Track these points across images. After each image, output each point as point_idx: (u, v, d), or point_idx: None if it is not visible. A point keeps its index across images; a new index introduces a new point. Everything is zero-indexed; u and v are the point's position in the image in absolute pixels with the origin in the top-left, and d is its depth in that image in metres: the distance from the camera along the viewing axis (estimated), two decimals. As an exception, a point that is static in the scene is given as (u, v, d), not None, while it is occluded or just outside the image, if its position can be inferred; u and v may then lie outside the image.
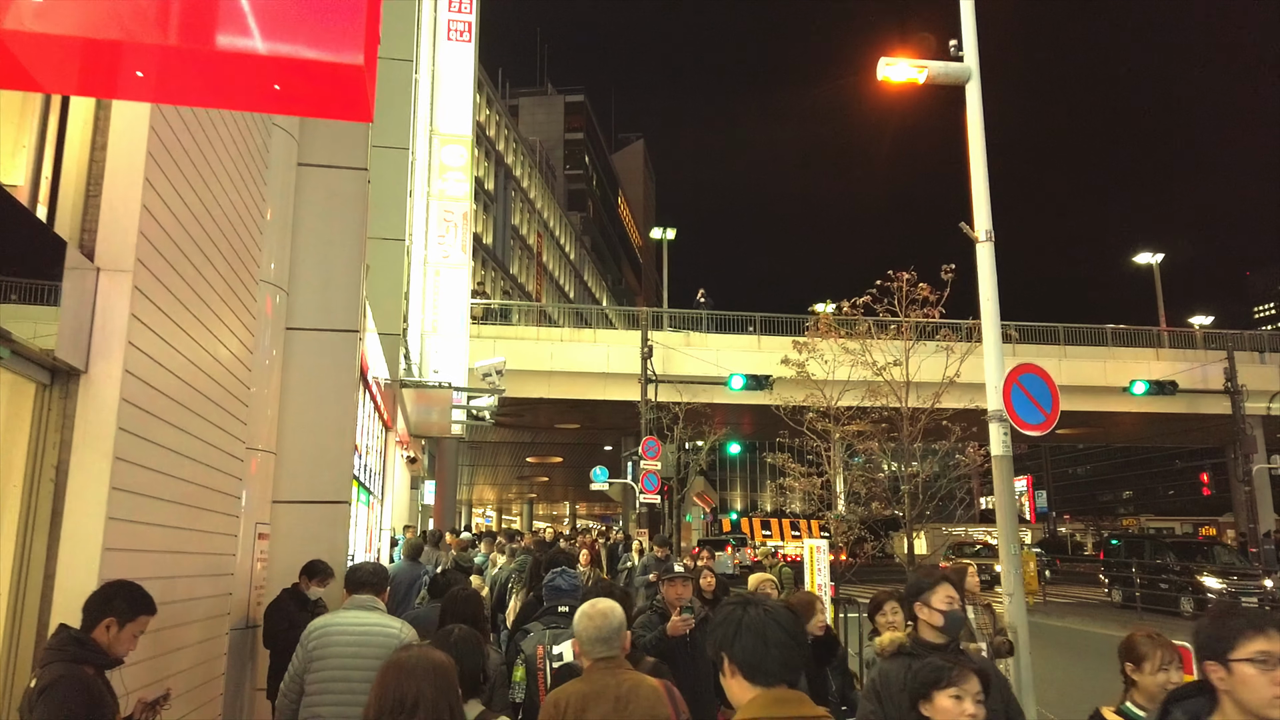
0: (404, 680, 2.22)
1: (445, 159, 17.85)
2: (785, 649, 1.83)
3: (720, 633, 1.90)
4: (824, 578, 9.45)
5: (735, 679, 1.84)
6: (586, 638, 2.79)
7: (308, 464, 6.45)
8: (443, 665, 2.29)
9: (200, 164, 4.20)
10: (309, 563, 5.43)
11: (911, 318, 8.31)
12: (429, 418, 14.56)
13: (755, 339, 24.37)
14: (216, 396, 4.67)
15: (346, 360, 6.66)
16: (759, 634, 1.84)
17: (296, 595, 5.33)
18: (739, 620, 1.87)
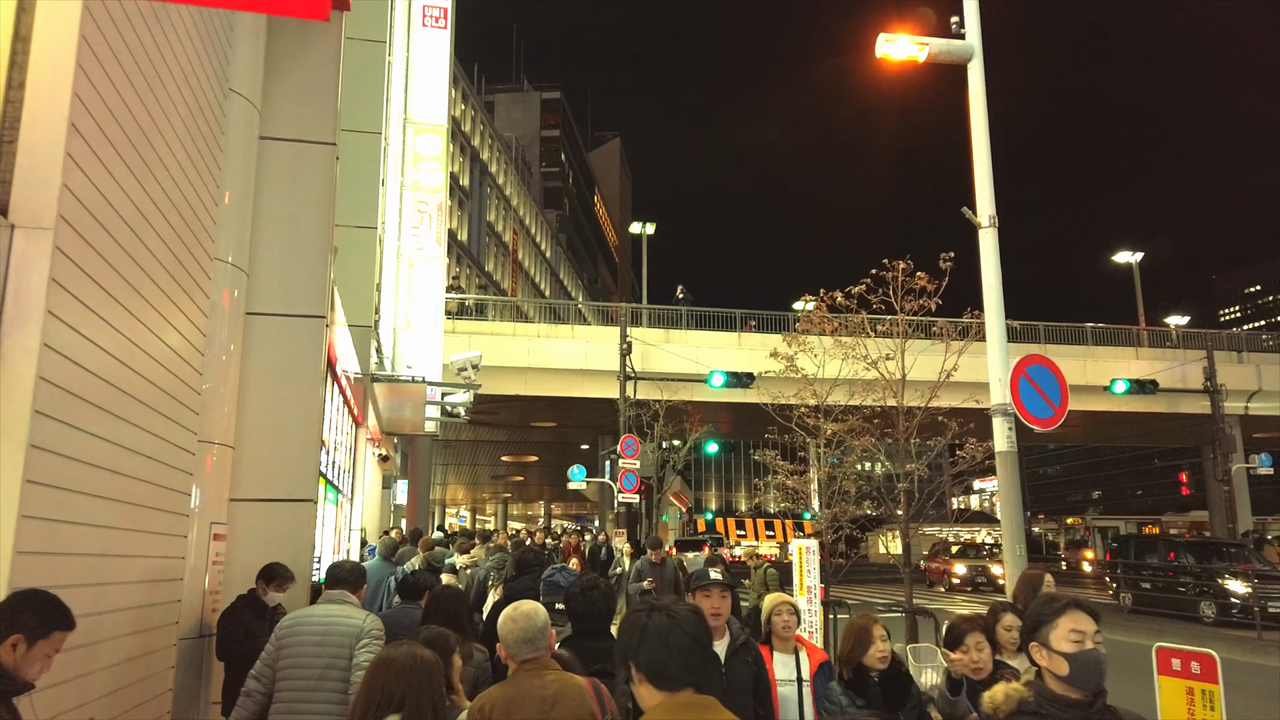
0: (391, 678, 2.30)
1: (420, 148, 17.34)
2: (689, 654, 1.84)
3: (625, 640, 1.91)
4: (814, 579, 9.09)
5: (643, 685, 1.84)
6: (512, 640, 2.76)
7: (269, 459, 5.98)
8: (428, 663, 2.37)
9: (142, 118, 3.74)
10: (266, 566, 4.98)
11: (908, 309, 7.95)
12: (402, 414, 14.08)
13: (736, 336, 24.02)
14: (162, 381, 4.20)
15: (312, 348, 6.20)
16: (662, 640, 1.84)
17: (253, 602, 4.87)
18: (643, 626, 1.88)
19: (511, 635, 2.77)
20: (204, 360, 5.13)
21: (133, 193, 3.67)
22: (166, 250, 4.23)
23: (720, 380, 20.23)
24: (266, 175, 6.15)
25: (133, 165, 3.63)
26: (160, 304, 4.16)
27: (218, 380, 5.39)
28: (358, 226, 11.67)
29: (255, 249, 6.00)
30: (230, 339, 5.60)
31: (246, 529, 5.82)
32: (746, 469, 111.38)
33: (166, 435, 4.28)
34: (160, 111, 4.01)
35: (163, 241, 4.14)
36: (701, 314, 24.68)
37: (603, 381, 22.14)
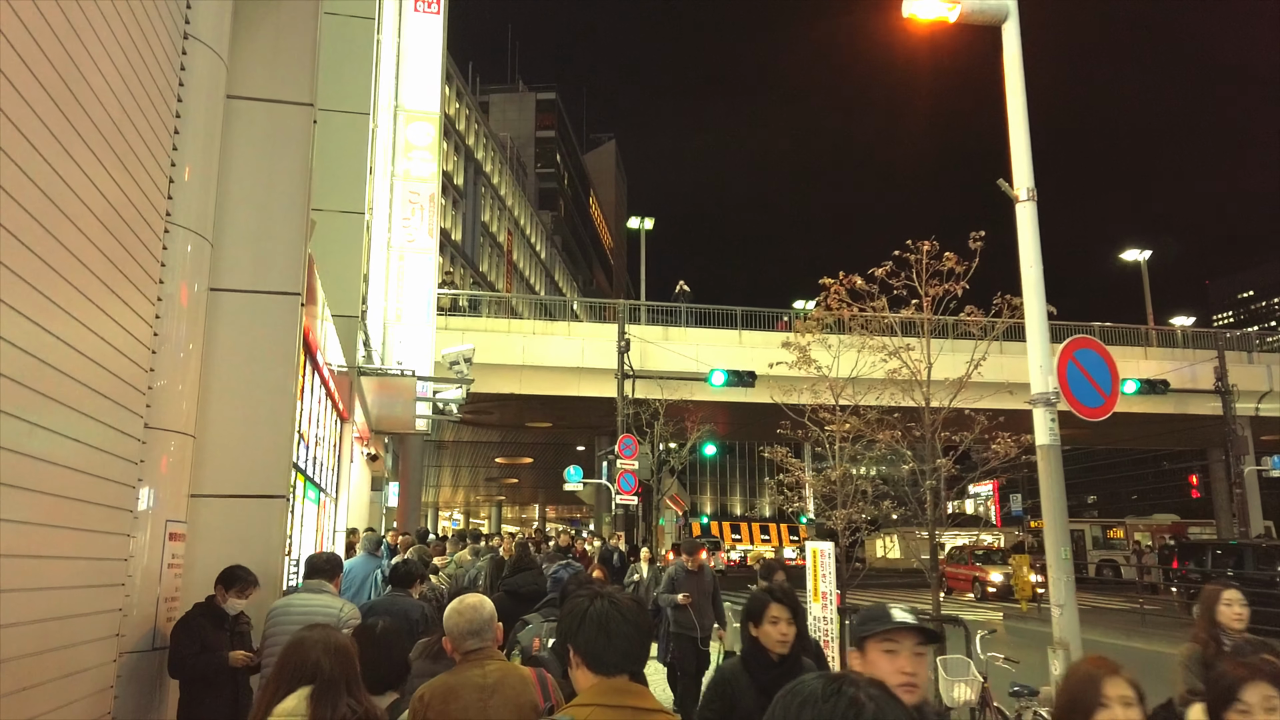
0: (304, 652, 2.41)
1: (411, 137, 16.74)
2: (627, 640, 1.87)
3: (565, 624, 1.93)
4: (829, 584, 8.51)
5: (580, 670, 1.87)
6: (457, 632, 2.80)
7: (237, 451, 5.39)
8: (342, 645, 2.46)
9: (69, 41, 3.15)
10: (226, 570, 4.40)
11: (933, 294, 7.36)
12: (392, 411, 13.47)
13: (737, 334, 23.43)
14: (101, 356, 3.61)
15: (285, 329, 5.61)
16: (602, 625, 1.86)
17: (211, 611, 4.28)
18: (584, 612, 1.90)
19: (457, 627, 2.80)
20: (157, 338, 4.54)
21: (57, 128, 3.08)
22: (108, 207, 3.65)
23: (721, 379, 19.66)
24: (236, 137, 5.56)
25: (58, 98, 3.04)
26: (99, 266, 3.58)
27: (174, 360, 4.79)
28: (343, 211, 11.09)
29: (222, 218, 5.41)
30: (190, 315, 5.00)
31: (210, 528, 5.23)
32: (742, 471, 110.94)
33: (105, 418, 3.69)
34: (96, 40, 3.43)
35: (102, 195, 3.55)
36: (701, 311, 24.10)
37: (600, 380, 21.53)
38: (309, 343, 7.31)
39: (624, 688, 1.83)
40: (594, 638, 1.86)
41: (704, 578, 7.96)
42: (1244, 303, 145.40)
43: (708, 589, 7.92)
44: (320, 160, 11.05)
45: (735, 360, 21.13)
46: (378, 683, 2.83)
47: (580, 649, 1.87)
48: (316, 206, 10.95)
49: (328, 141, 11.20)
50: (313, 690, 2.35)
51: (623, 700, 1.80)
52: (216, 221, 5.35)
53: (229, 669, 4.18)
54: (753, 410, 23.15)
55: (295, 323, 5.64)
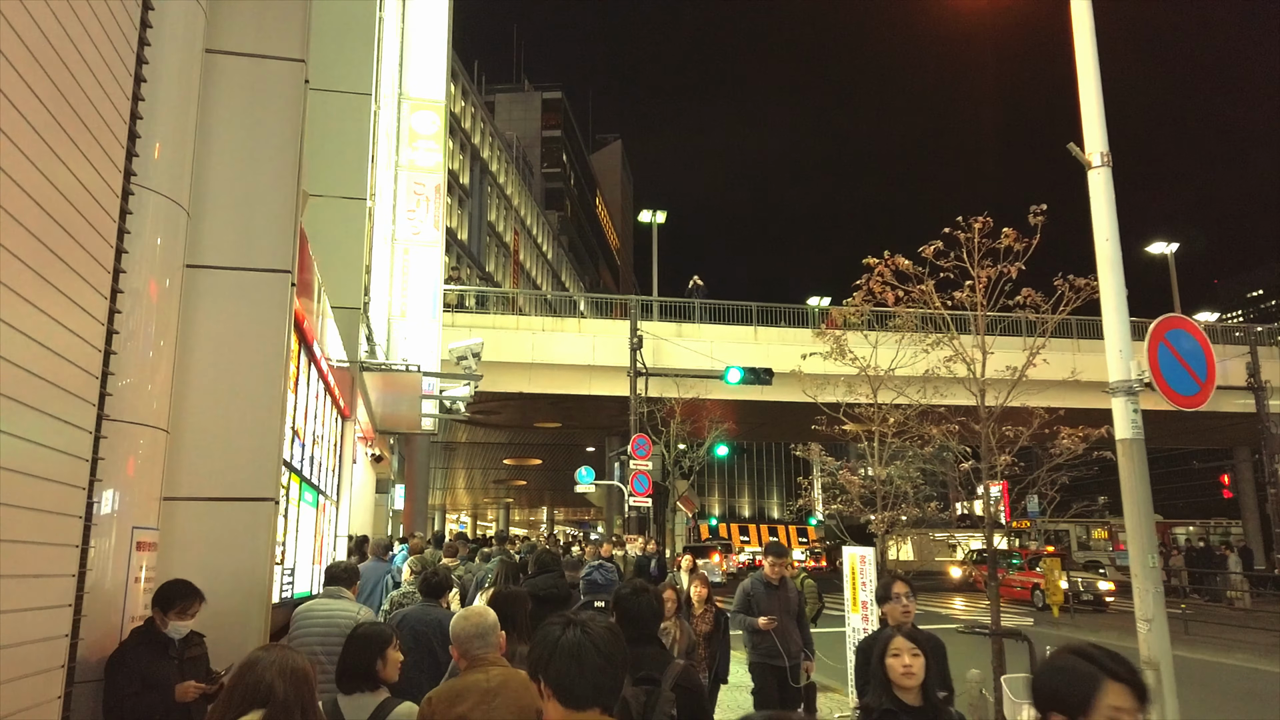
0: (257, 673, 2.36)
1: (416, 126, 16.15)
2: (599, 673, 1.78)
3: (535, 653, 1.85)
4: (869, 593, 7.86)
5: (550, 702, 1.78)
6: (464, 637, 2.94)
7: (218, 448, 4.77)
8: (298, 667, 2.42)
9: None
10: (163, 588, 3.80)
11: (985, 277, 6.68)
12: (396, 409, 12.87)
13: (752, 330, 22.75)
14: (38, 331, 2.99)
15: (273, 311, 4.98)
16: (574, 656, 1.78)
17: (152, 638, 3.66)
18: (555, 641, 1.82)
19: (464, 634, 2.95)
20: (121, 315, 3.91)
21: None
22: (51, 156, 3.02)
23: (737, 376, 18.99)
24: (217, 96, 4.95)
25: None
26: (41, 225, 2.95)
27: (142, 343, 4.17)
28: (344, 197, 10.48)
29: (202, 186, 4.79)
30: (162, 292, 4.38)
31: (187, 536, 4.62)
32: (751, 473, 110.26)
33: (44, 405, 3.06)
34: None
35: (39, 140, 2.93)
36: (715, 307, 23.39)
37: (611, 378, 20.89)
38: (304, 331, 6.69)
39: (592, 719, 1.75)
40: (565, 669, 1.77)
41: (788, 592, 6.45)
42: (1253, 301, 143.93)
43: (792, 607, 6.47)
44: (320, 143, 10.46)
45: (751, 357, 20.46)
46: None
47: (550, 680, 1.78)
48: (316, 192, 10.41)
49: (328, 123, 10.60)
50: (264, 715, 2.28)
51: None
52: (195, 190, 4.74)
53: (180, 706, 3.54)
54: (769, 409, 22.51)
55: (285, 304, 5.01)
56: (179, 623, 3.70)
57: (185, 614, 3.71)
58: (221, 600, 4.47)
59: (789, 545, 68.23)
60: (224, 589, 4.58)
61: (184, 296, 4.67)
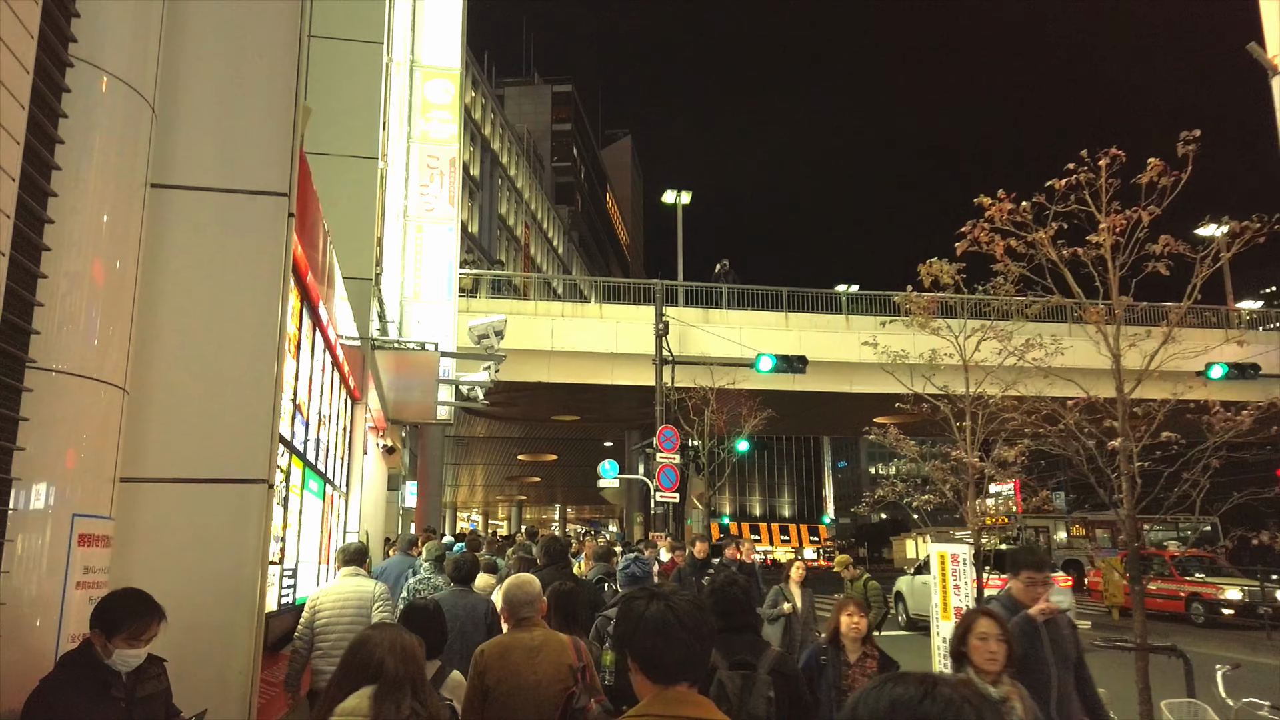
0: (368, 651, 2.41)
1: (429, 95, 15.13)
2: (685, 647, 1.77)
3: (621, 628, 1.87)
4: (965, 598, 6.79)
5: (638, 676, 1.80)
6: (514, 603, 3.48)
7: (196, 415, 3.76)
8: (407, 645, 2.46)
9: None
10: (106, 602, 2.75)
11: (1113, 226, 5.57)
12: (410, 395, 11.84)
13: (783, 316, 21.61)
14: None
15: (267, 245, 3.95)
16: (659, 631, 1.77)
17: (87, 669, 2.61)
18: (640, 615, 1.81)
19: (514, 599, 3.51)
20: (54, 226, 2.88)
21: None
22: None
23: (769, 364, 17.94)
24: (194, -27, 3.90)
25: None
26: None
27: (88, 271, 3.14)
28: (354, 156, 9.44)
29: (173, 80, 3.76)
30: (119, 208, 3.34)
31: (155, 527, 3.61)
32: (762, 471, 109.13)
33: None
34: None
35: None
36: (743, 292, 22.25)
37: (634, 367, 19.81)
38: (307, 288, 5.65)
39: (682, 698, 1.74)
40: (651, 643, 1.77)
41: (1059, 631, 3.95)
42: (1267, 298, 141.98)
43: (1070, 653, 4.06)
44: (327, 96, 9.40)
45: (782, 344, 19.39)
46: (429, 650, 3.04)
47: (638, 655, 1.78)
48: (323, 150, 9.40)
49: (336, 76, 9.57)
50: (376, 690, 2.33)
51: (679, 711, 1.72)
52: (167, 88, 3.70)
53: None
54: (801, 400, 21.40)
55: (281, 236, 3.97)
56: (128, 650, 2.65)
57: (137, 639, 2.67)
58: (197, 611, 3.46)
59: (800, 545, 66.87)
60: (201, 596, 3.57)
61: (153, 223, 3.64)
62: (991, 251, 5.98)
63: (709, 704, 1.78)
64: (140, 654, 2.69)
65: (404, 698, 2.32)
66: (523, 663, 3.24)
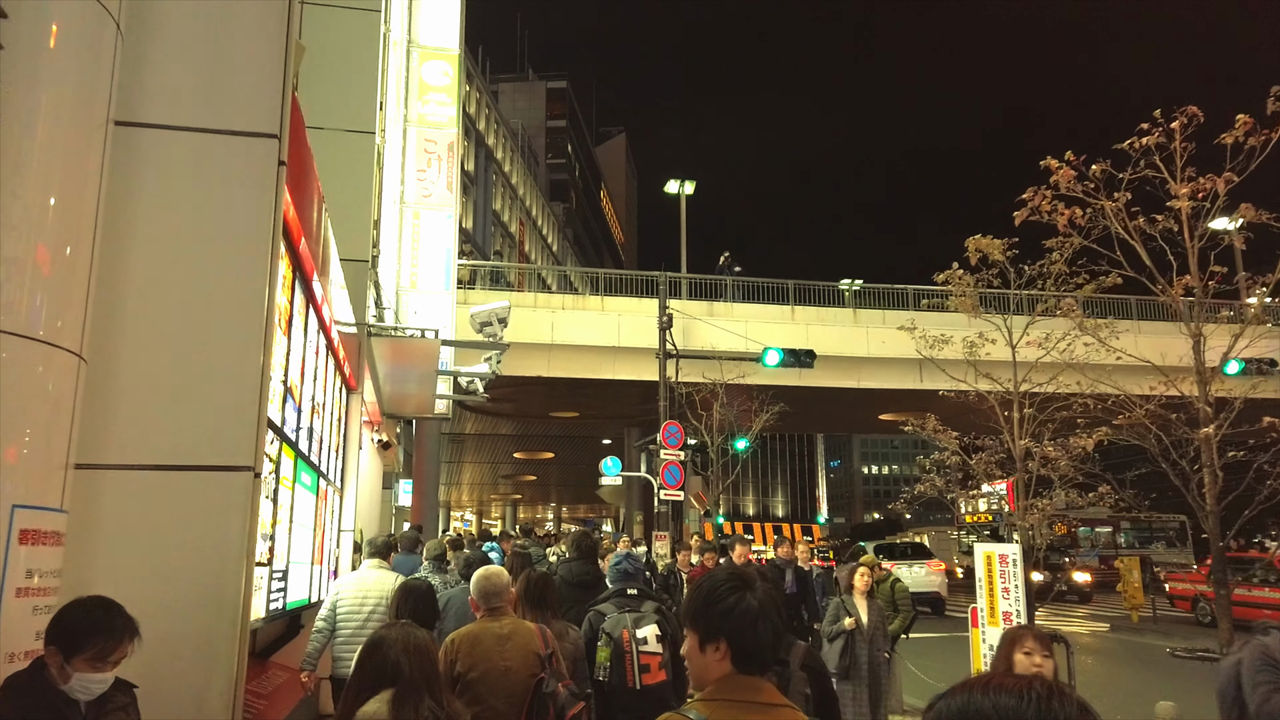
0: (383, 653, 2.40)
1: (427, 77, 14.57)
2: (775, 639, 1.85)
3: (709, 613, 1.85)
4: (1015, 603, 6.27)
5: (722, 661, 1.81)
6: (481, 594, 3.58)
7: (169, 392, 3.20)
8: (420, 644, 2.46)
9: None
10: (64, 614, 2.21)
11: (1193, 188, 5.03)
12: (406, 387, 11.28)
13: (790, 309, 21.07)
14: None
15: (256, 195, 3.40)
16: (753, 622, 1.81)
17: (39, 694, 2.07)
18: (732, 606, 1.83)
19: (482, 590, 3.59)
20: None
21: None
22: None
23: (776, 358, 17.37)
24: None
25: None
26: None
27: (32, 218, 2.58)
28: (349, 131, 8.87)
29: (144, 7, 3.21)
30: (74, 142, 2.78)
31: (120, 522, 3.06)
32: (756, 471, 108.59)
33: None
34: None
35: None
36: (749, 285, 21.72)
37: (636, 361, 19.26)
38: (300, 257, 5.09)
39: (761, 685, 1.82)
40: (745, 633, 1.80)
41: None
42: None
43: None
44: (320, 67, 8.86)
45: (789, 338, 18.88)
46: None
47: (732, 642, 1.80)
48: (316, 124, 8.82)
49: (332, 46, 9.00)
50: (394, 693, 2.33)
51: (753, 696, 1.79)
52: (136, 6, 3.16)
53: None
54: (808, 396, 20.85)
55: (271, 184, 3.41)
56: (92, 675, 2.11)
57: (103, 660, 2.13)
58: (171, 622, 2.92)
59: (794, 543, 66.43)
60: (176, 604, 3.02)
61: (119, 166, 3.10)
62: (1053, 222, 5.44)
63: (773, 688, 1.85)
64: (106, 679, 2.15)
65: (421, 699, 2.32)
66: (493, 650, 3.39)
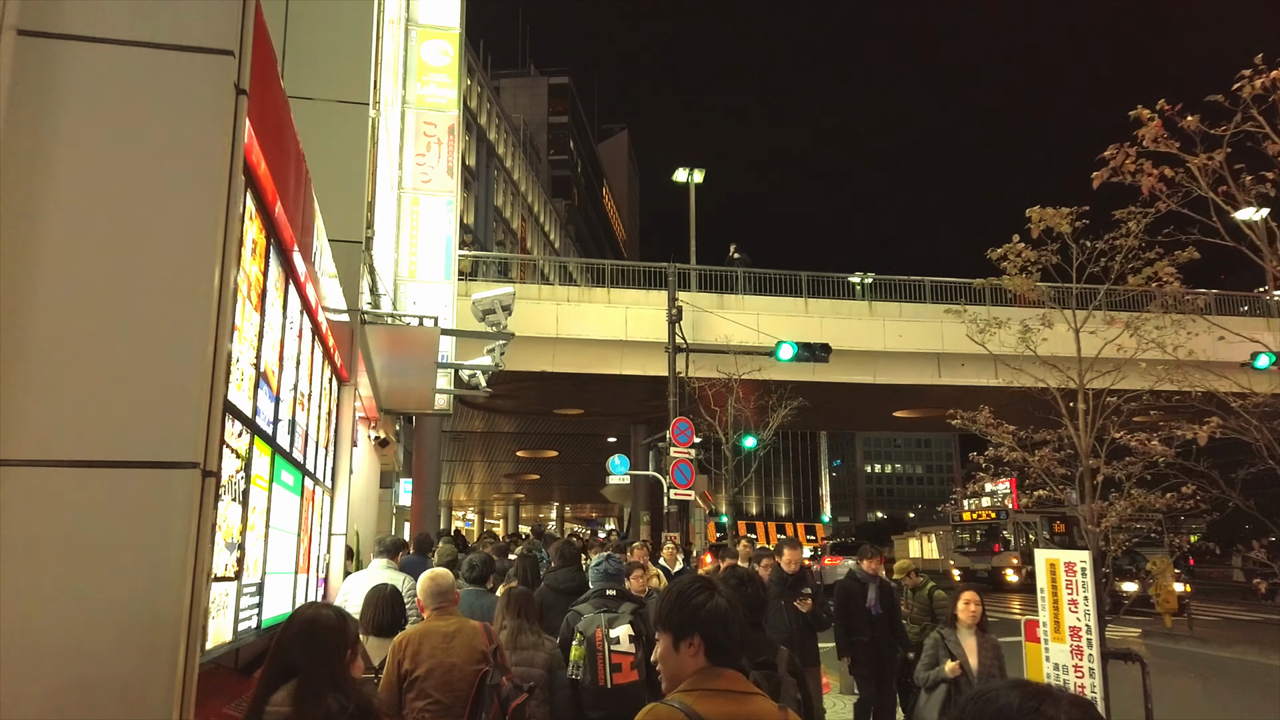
0: (282, 646, 2.48)
1: (426, 57, 13.94)
2: (741, 634, 2.05)
3: (680, 613, 2.04)
4: (1086, 616, 5.60)
5: (696, 656, 2.00)
6: (428, 595, 3.88)
7: (91, 370, 2.54)
8: (316, 633, 2.43)
9: None
10: None
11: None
12: (405, 380, 10.62)
13: (803, 302, 20.38)
14: None
15: (206, 126, 2.74)
16: (724, 620, 2.02)
17: None
18: (702, 605, 2.03)
19: (428, 591, 3.90)
20: None
21: None
22: None
23: (789, 352, 16.73)
24: None
25: None
26: None
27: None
28: (340, 101, 8.20)
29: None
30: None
31: (23, 532, 2.39)
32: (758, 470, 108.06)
33: None
34: None
35: None
36: (760, 277, 20.99)
37: (644, 355, 18.60)
38: (275, 221, 4.41)
39: (730, 675, 1.99)
40: (716, 630, 2.00)
41: None
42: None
43: None
44: (310, 32, 8.15)
45: (803, 331, 18.21)
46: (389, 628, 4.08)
47: (705, 638, 2.00)
48: (304, 94, 8.18)
49: (318, 8, 8.36)
50: (295, 688, 2.31)
51: (730, 685, 1.97)
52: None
53: None
54: (822, 392, 20.17)
55: (227, 112, 2.75)
56: None
57: None
58: (85, 663, 2.25)
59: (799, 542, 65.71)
60: (93, 639, 2.35)
61: (25, 87, 2.44)
62: (1137, 184, 4.76)
63: (744, 679, 2.03)
64: None
65: (321, 693, 2.27)
66: (439, 647, 3.63)
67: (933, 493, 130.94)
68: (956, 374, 19.68)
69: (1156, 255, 5.69)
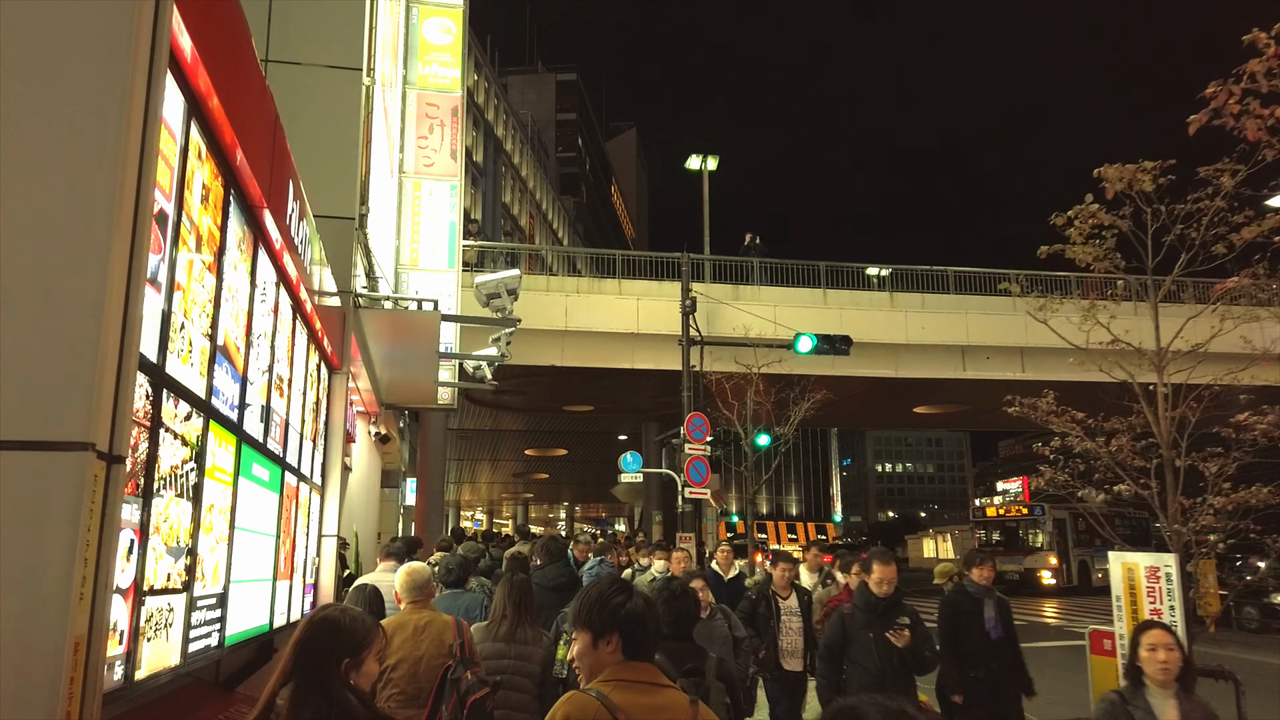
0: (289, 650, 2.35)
1: (428, 35, 13.29)
2: (656, 633, 2.26)
3: (599, 614, 2.18)
4: (1174, 615, 4.91)
5: (615, 653, 2.15)
6: (405, 588, 4.10)
7: None
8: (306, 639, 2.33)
9: None
10: None
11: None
12: (407, 371, 9.98)
13: (821, 293, 19.65)
14: None
15: (95, 27, 2.08)
16: (640, 620, 2.18)
17: None
18: (621, 606, 2.18)
19: (405, 585, 4.10)
20: None
21: None
22: None
23: (809, 345, 16.04)
24: None
25: None
26: None
27: None
28: (331, 66, 7.58)
29: None
30: None
31: None
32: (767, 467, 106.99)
33: None
34: None
35: None
36: (776, 267, 20.24)
37: (657, 348, 17.93)
38: (238, 173, 3.76)
39: (645, 669, 2.15)
40: (634, 630, 2.16)
41: None
42: None
43: None
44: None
45: (822, 323, 17.51)
46: None
47: (623, 636, 2.15)
48: (292, 58, 7.57)
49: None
50: (291, 692, 2.29)
51: (642, 676, 2.12)
52: None
53: None
54: (838, 386, 19.47)
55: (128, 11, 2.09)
56: None
57: None
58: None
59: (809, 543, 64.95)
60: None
61: None
62: (1241, 130, 4.07)
63: (658, 671, 2.18)
64: None
65: (309, 700, 2.25)
66: (409, 639, 3.82)
67: (944, 492, 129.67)
68: (982, 368, 18.93)
69: (1245, 220, 4.99)
